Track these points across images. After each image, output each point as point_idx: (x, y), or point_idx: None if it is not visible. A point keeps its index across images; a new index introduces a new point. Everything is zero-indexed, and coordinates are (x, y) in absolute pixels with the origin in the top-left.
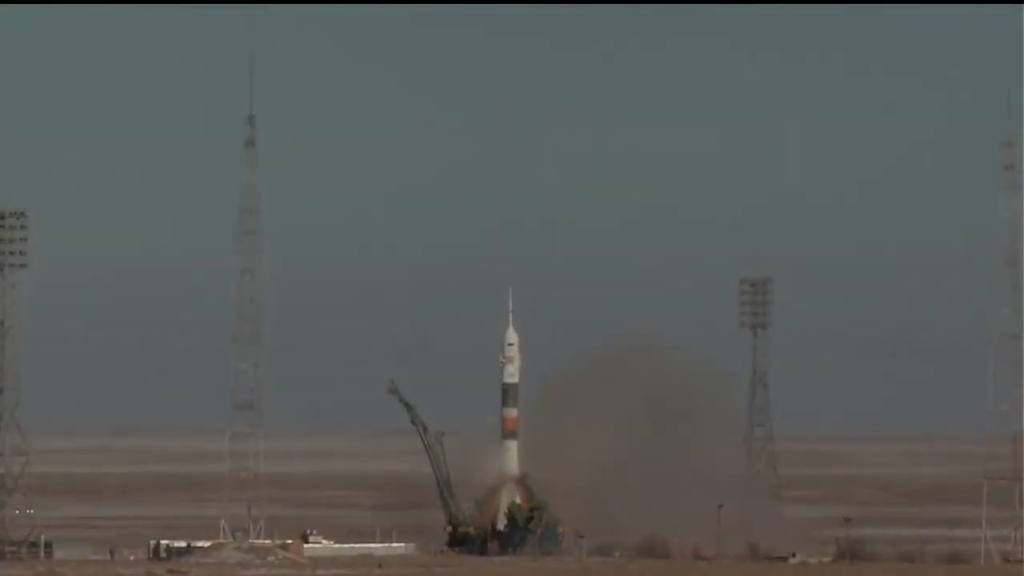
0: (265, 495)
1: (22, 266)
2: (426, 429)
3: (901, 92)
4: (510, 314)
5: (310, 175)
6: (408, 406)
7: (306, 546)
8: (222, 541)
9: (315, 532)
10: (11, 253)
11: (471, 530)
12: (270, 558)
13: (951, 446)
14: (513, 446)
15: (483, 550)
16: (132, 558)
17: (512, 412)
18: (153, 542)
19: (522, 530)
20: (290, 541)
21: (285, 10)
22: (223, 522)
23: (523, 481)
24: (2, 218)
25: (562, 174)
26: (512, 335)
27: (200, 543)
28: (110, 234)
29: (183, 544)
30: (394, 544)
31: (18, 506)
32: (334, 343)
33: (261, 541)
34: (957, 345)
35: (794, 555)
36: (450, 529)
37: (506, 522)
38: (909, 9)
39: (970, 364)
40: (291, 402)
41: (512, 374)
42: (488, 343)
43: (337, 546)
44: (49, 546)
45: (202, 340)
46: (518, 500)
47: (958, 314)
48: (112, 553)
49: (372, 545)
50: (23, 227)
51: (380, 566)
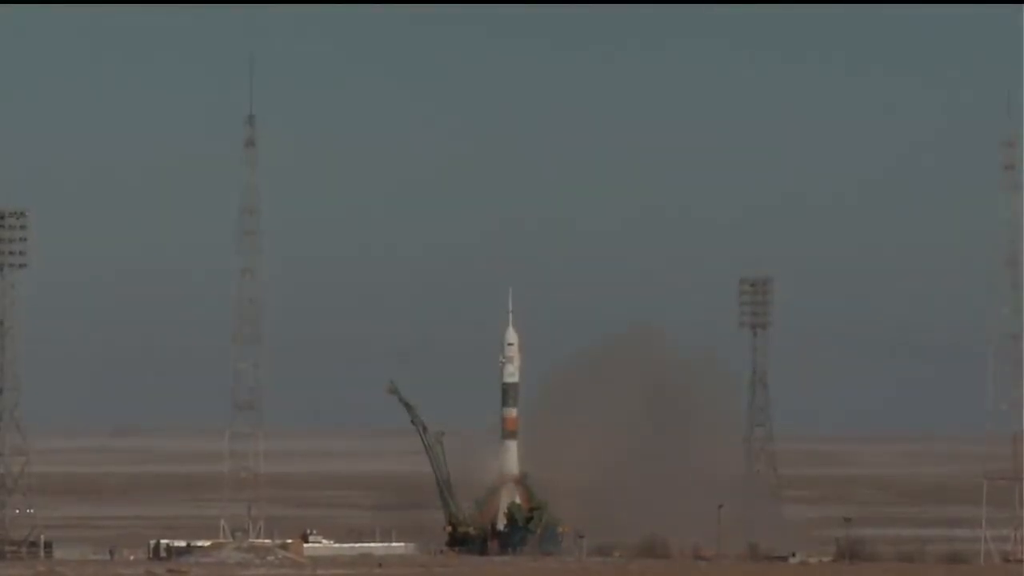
0: (265, 495)
1: (22, 266)
2: (426, 429)
3: (901, 92)
4: (510, 314)
5: (310, 175)
6: (408, 406)
7: (306, 546)
8: (222, 541)
9: (315, 532)
10: (11, 253)
11: (471, 530)
12: (270, 558)
13: (951, 446)
14: (513, 446)
15: (483, 550)
16: (132, 558)
17: (512, 412)
18: (153, 542)
19: (522, 530)
20: (290, 541)
21: (285, 10)
22: (223, 522)
23: (523, 481)
24: (2, 218)
25: (562, 174)
26: (512, 335)
27: (200, 543)
28: (110, 234)
29: (183, 544)
30: (394, 544)
31: (18, 506)
32: (334, 343)
33: (261, 541)
34: (957, 345)
35: (794, 555)
36: (450, 529)
37: (506, 522)
38: (909, 9)
39: (970, 364)
40: (291, 402)
41: (512, 374)
42: (488, 343)
43: (337, 546)
44: (49, 546)
45: (202, 340)
46: (518, 500)
47: (958, 314)
48: (112, 553)
49: (372, 545)
50: (23, 227)
51: (380, 566)
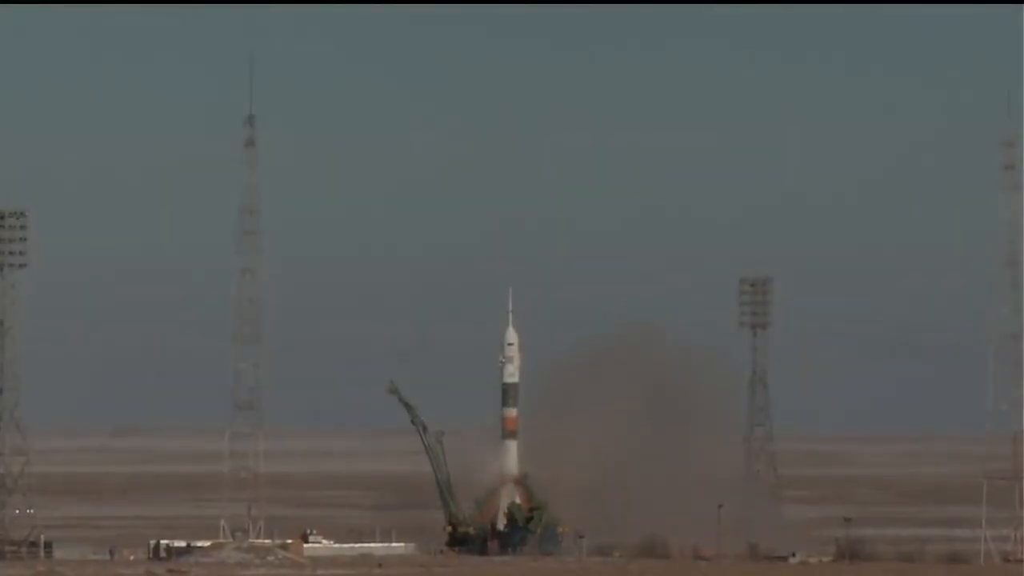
0: (265, 495)
1: (22, 266)
2: (426, 429)
3: (901, 92)
4: (510, 314)
5: (310, 175)
6: (408, 406)
7: (306, 546)
8: (222, 541)
9: (315, 532)
10: (11, 253)
11: (471, 530)
12: (270, 558)
13: (951, 446)
14: (513, 446)
15: (483, 550)
16: (132, 558)
17: (512, 412)
18: (153, 542)
19: (522, 530)
20: (290, 541)
21: (285, 10)
22: (223, 522)
23: (523, 481)
24: (2, 218)
25: (562, 174)
26: (512, 335)
27: (200, 543)
28: (110, 234)
29: (183, 544)
30: (394, 544)
31: (18, 506)
32: (334, 343)
33: (261, 541)
34: (957, 345)
35: (794, 555)
36: (450, 529)
37: (506, 522)
38: (909, 9)
39: (970, 364)
40: (291, 402)
41: (512, 374)
42: (488, 343)
43: (337, 546)
44: (49, 546)
45: (202, 340)
46: (518, 500)
47: (958, 314)
48: (112, 553)
49: (372, 545)
50: (23, 227)
51: (380, 566)
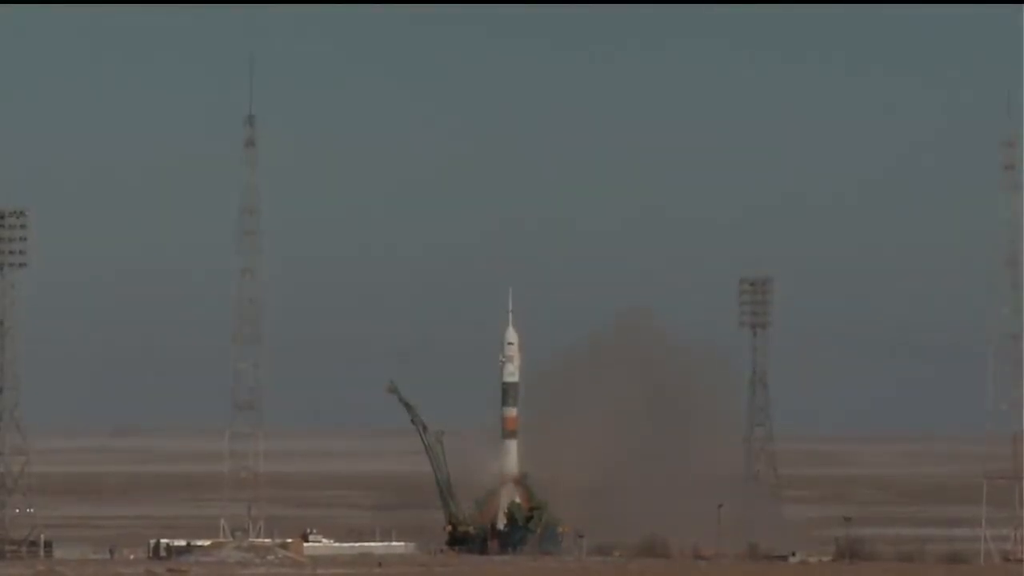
0: (265, 495)
1: (22, 266)
2: (426, 429)
3: (901, 92)
4: (510, 314)
5: (310, 175)
6: (408, 406)
7: (306, 545)
8: (222, 541)
9: (315, 532)
10: (11, 253)
11: (471, 530)
12: (270, 557)
13: (951, 446)
14: (513, 446)
15: (483, 550)
16: (132, 557)
17: (512, 412)
18: (153, 541)
19: (522, 530)
20: (290, 541)
21: (285, 10)
22: (223, 522)
23: (523, 481)
24: (2, 218)
25: (562, 174)
26: (512, 335)
27: (200, 543)
28: (110, 234)
29: (183, 543)
30: (394, 544)
31: (18, 506)
32: (334, 343)
33: (261, 541)
34: (957, 345)
35: (794, 555)
36: (450, 529)
37: (506, 522)
38: (909, 9)
39: (970, 364)
40: (291, 402)
41: (512, 373)
42: (488, 343)
43: (337, 546)
44: (49, 545)
45: (202, 340)
46: (518, 500)
47: (958, 314)
48: (112, 552)
49: (372, 545)
50: (23, 227)
51: (380, 566)
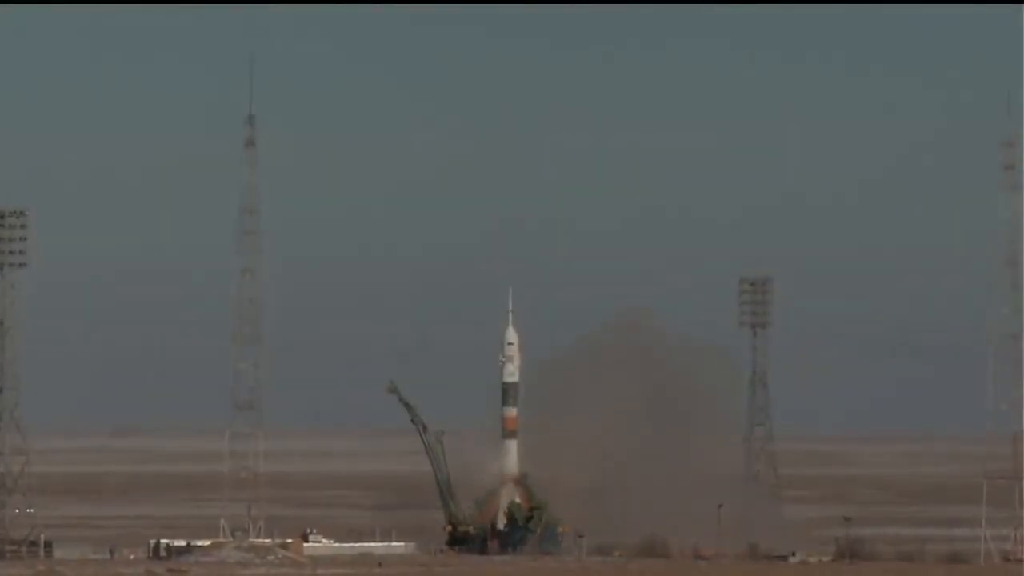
0: (265, 495)
1: (22, 266)
2: (426, 429)
3: (901, 92)
4: (510, 314)
5: (310, 175)
6: (408, 406)
7: (306, 546)
8: (222, 540)
9: (315, 532)
10: (11, 253)
11: (471, 530)
12: (270, 557)
13: (951, 446)
14: (513, 446)
15: (483, 550)
16: (132, 557)
17: (512, 412)
18: (153, 541)
19: (522, 530)
20: (290, 541)
21: (285, 10)
22: (223, 522)
23: (523, 481)
24: (2, 218)
25: (562, 174)
26: (512, 335)
27: (200, 543)
28: (110, 234)
29: (183, 543)
30: (394, 544)
31: (18, 506)
32: (334, 343)
33: (261, 541)
34: (957, 345)
35: (794, 555)
36: (450, 529)
37: (506, 522)
38: (909, 9)
39: (970, 364)
40: (291, 402)
41: (512, 373)
42: (488, 343)
43: (337, 546)
44: (49, 545)
45: (202, 340)
46: (518, 500)
47: (958, 314)
48: (112, 552)
49: (372, 545)
50: (23, 227)
51: (380, 566)
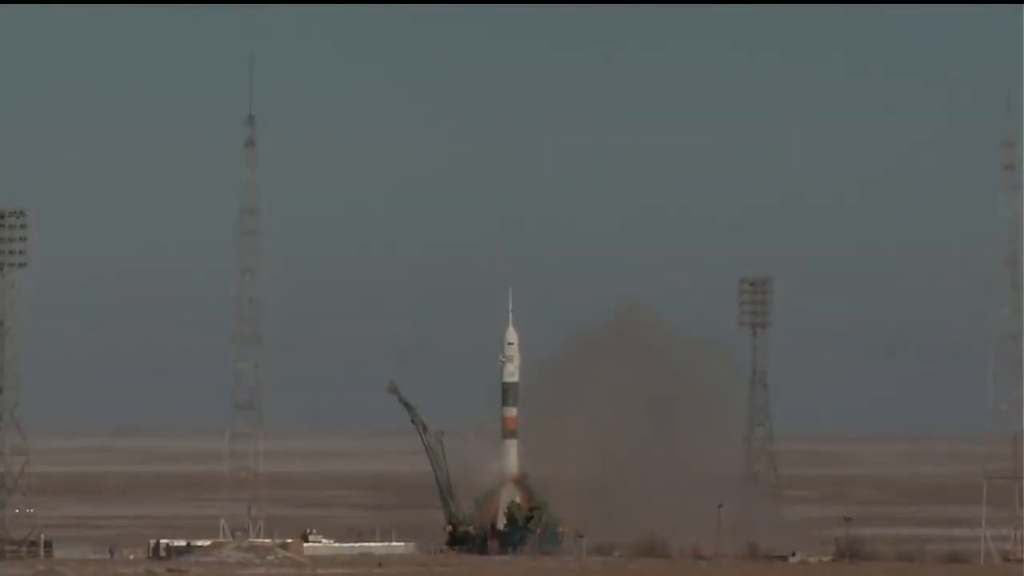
0: (265, 495)
1: (22, 266)
2: (426, 429)
3: (901, 92)
4: (510, 314)
5: (310, 175)
6: (408, 406)
7: (306, 545)
8: (222, 540)
9: (315, 532)
10: (11, 253)
11: (471, 530)
12: (270, 557)
13: (951, 446)
14: (513, 446)
15: (483, 549)
16: (132, 557)
17: (512, 412)
18: (153, 541)
19: (522, 530)
20: (290, 541)
21: (285, 10)
22: (223, 522)
23: (523, 481)
24: (2, 218)
25: (562, 174)
26: (512, 335)
27: (200, 542)
28: (110, 234)
29: (183, 543)
30: (394, 544)
31: (18, 506)
32: (334, 343)
33: (261, 541)
34: (957, 345)
35: (794, 555)
36: (450, 529)
37: (506, 522)
38: (909, 9)
39: (970, 364)
40: (291, 402)
41: (512, 373)
42: (488, 343)
43: (337, 546)
44: (49, 545)
45: (202, 340)
46: (518, 500)
47: (958, 314)
48: (112, 552)
49: (372, 545)
50: (23, 227)
51: (380, 566)
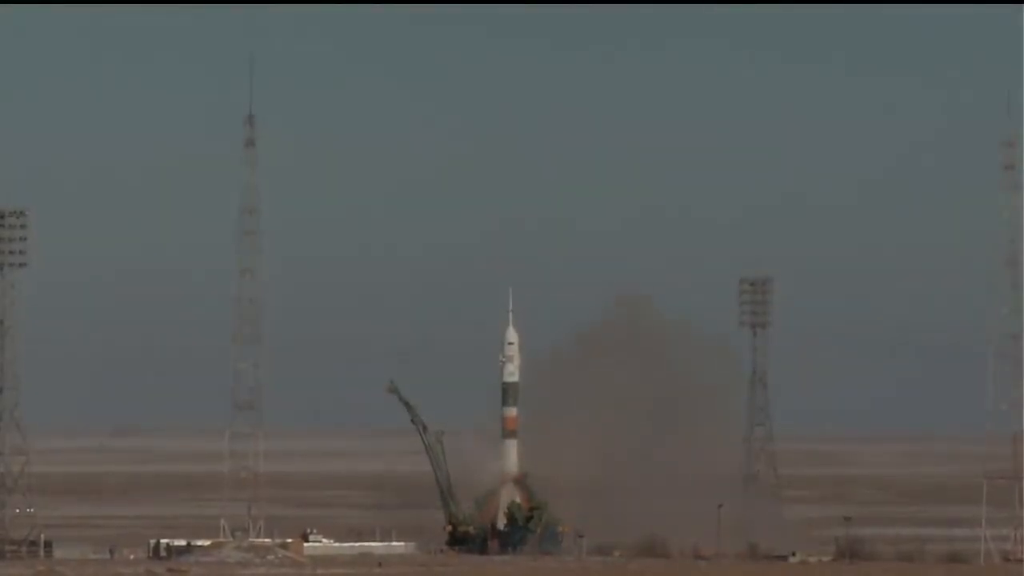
0: (265, 495)
1: (22, 266)
2: (426, 429)
3: (901, 92)
4: (510, 314)
5: (310, 175)
6: (408, 406)
7: (306, 545)
8: (222, 540)
9: (315, 532)
10: (11, 253)
11: (471, 530)
12: (270, 557)
13: (951, 446)
14: (513, 446)
15: (483, 549)
16: (132, 557)
17: (512, 412)
18: (153, 541)
19: (522, 530)
20: (290, 540)
21: (285, 10)
22: (223, 522)
23: (523, 481)
24: (2, 218)
25: (562, 174)
26: (512, 335)
27: (200, 542)
28: (110, 234)
29: (183, 543)
30: (394, 544)
31: (18, 506)
32: (334, 343)
33: (261, 540)
34: (957, 345)
35: (794, 554)
36: (450, 529)
37: (506, 522)
38: (909, 9)
39: (970, 364)
40: (291, 402)
41: (512, 373)
42: (488, 343)
43: (337, 546)
44: (49, 545)
45: (202, 340)
46: (518, 500)
47: (958, 314)
48: (112, 552)
49: (372, 545)
50: (23, 227)
51: (380, 565)
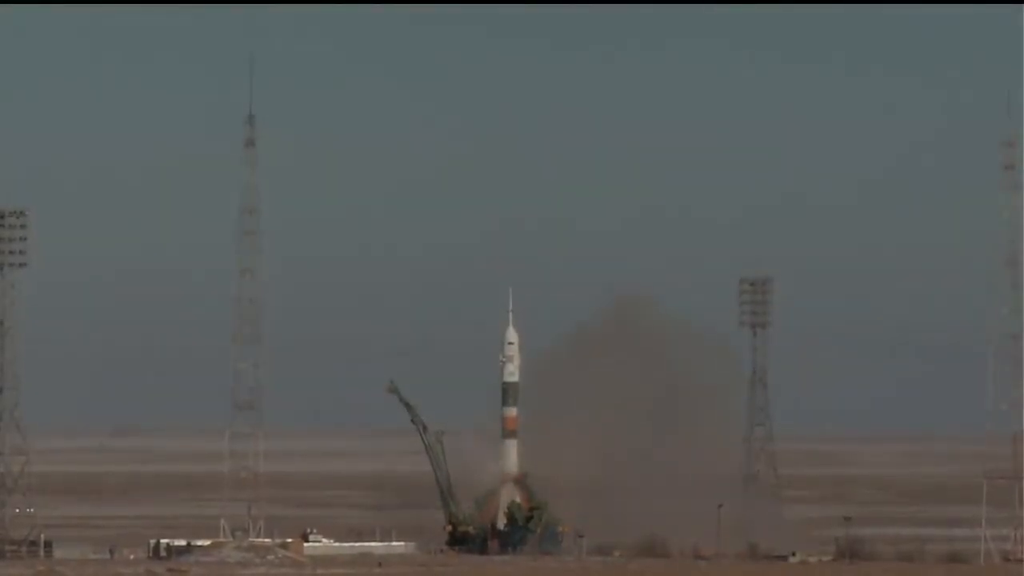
0: (265, 495)
1: (22, 266)
2: (426, 429)
3: (901, 92)
4: (510, 313)
5: (310, 175)
6: (408, 406)
7: (306, 545)
8: (222, 540)
9: (315, 532)
10: (11, 253)
11: (471, 530)
12: (270, 557)
13: (951, 446)
14: (513, 446)
15: (483, 549)
16: (132, 557)
17: (512, 412)
18: (153, 541)
19: (522, 530)
20: (290, 540)
21: (285, 10)
22: (223, 522)
23: (523, 481)
24: (2, 218)
25: (562, 174)
26: (512, 334)
27: (200, 542)
28: (110, 234)
29: (183, 543)
30: (394, 544)
31: (18, 506)
32: (334, 343)
33: (261, 540)
34: (957, 345)
35: (794, 554)
36: (450, 529)
37: (506, 522)
38: (909, 9)
39: (970, 364)
40: (291, 402)
41: (512, 373)
42: (488, 343)
43: (337, 546)
44: (49, 545)
45: (202, 340)
46: (518, 500)
47: (958, 314)
48: (112, 552)
49: (372, 545)
50: (23, 227)
51: (380, 565)
